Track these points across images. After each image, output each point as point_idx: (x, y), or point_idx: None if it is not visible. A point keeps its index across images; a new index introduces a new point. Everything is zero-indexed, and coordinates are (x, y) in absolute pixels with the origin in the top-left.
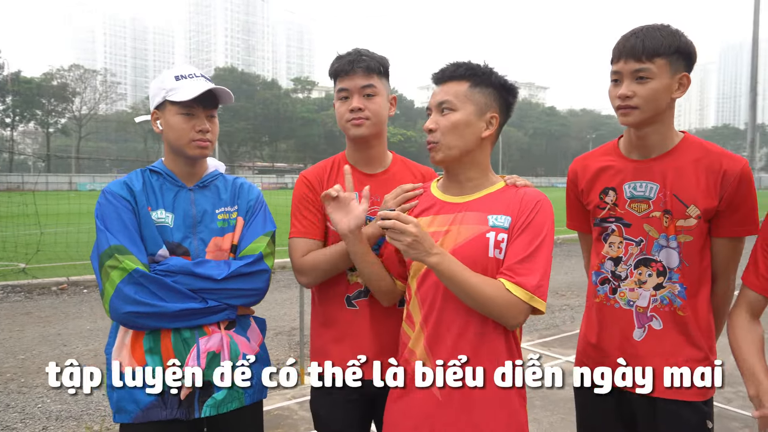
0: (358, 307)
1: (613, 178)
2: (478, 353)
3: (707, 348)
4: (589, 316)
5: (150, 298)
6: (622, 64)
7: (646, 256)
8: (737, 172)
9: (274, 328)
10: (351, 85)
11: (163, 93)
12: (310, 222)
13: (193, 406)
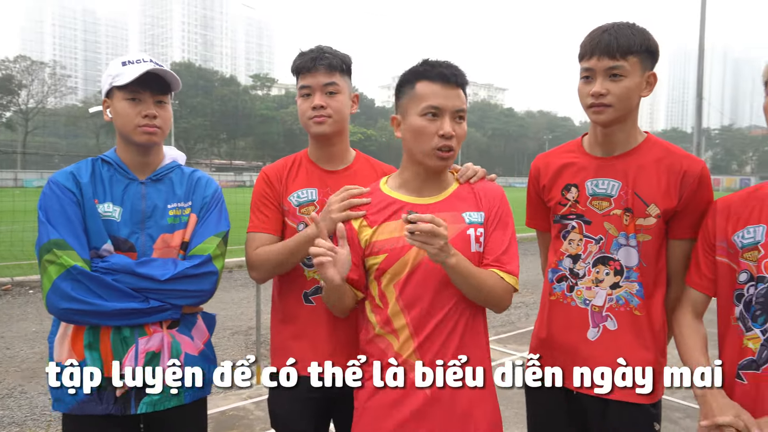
0: (315, 303)
1: (576, 174)
2: (466, 351)
3: (659, 350)
4: (543, 314)
5: (87, 296)
6: (595, 61)
7: (605, 255)
8: (697, 173)
9: (230, 328)
10: (313, 83)
11: (110, 80)
12: (266, 217)
13: (130, 402)
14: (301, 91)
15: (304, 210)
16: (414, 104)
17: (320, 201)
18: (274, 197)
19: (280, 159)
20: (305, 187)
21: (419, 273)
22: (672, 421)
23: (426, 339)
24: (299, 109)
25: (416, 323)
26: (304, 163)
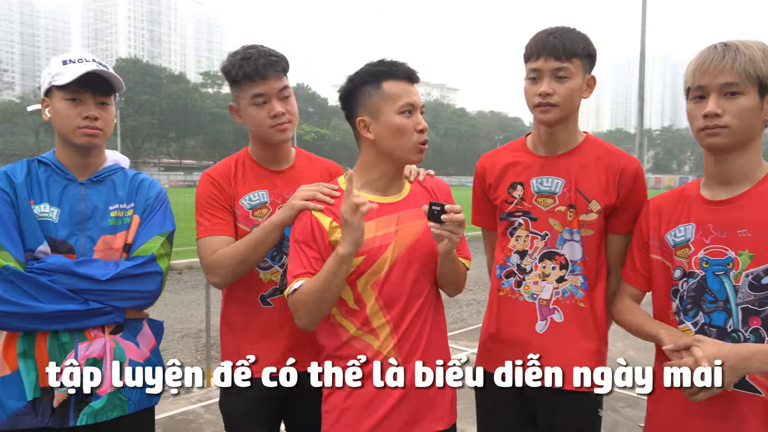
0: (274, 305)
1: (521, 173)
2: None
3: (602, 339)
4: (491, 310)
5: (21, 298)
6: (542, 62)
7: (551, 250)
8: (633, 170)
9: (180, 331)
10: (268, 90)
11: (50, 78)
12: (219, 219)
13: (68, 414)
14: (255, 100)
15: (257, 213)
16: (388, 103)
17: (272, 202)
18: (225, 200)
19: (220, 161)
20: (256, 190)
21: (396, 270)
22: (614, 410)
23: (403, 334)
24: (254, 119)
25: (396, 320)
26: (248, 165)
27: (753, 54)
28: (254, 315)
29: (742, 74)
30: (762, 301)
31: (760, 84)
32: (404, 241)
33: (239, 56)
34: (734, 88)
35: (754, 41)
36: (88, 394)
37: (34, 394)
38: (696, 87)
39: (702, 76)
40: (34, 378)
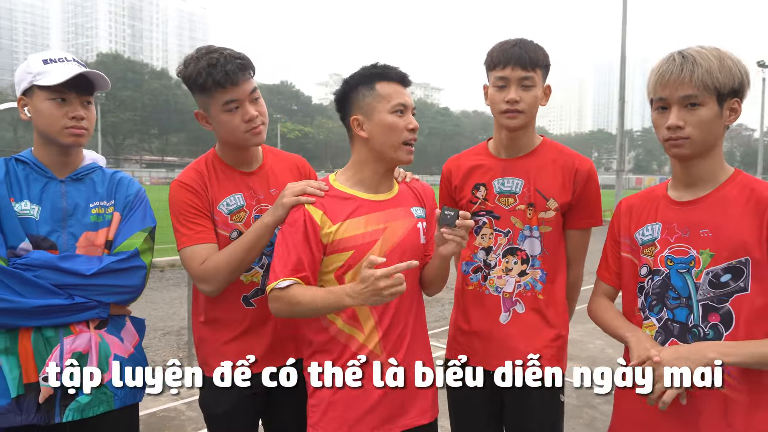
0: (256, 305)
1: (484, 175)
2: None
3: (561, 326)
4: (459, 304)
5: (5, 293)
6: (510, 71)
7: (513, 246)
8: (586, 170)
9: (162, 328)
10: (240, 95)
11: (30, 78)
12: (201, 227)
13: (54, 410)
14: (227, 106)
15: (236, 217)
16: (381, 103)
17: (248, 205)
18: (203, 206)
19: (188, 167)
20: (232, 194)
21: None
22: (592, 407)
23: (388, 329)
24: (228, 125)
25: (381, 315)
26: (220, 168)
27: (710, 65)
28: (238, 315)
29: (701, 86)
30: (721, 298)
31: (719, 93)
32: (392, 238)
33: (204, 62)
34: (694, 100)
35: (710, 49)
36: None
37: (18, 391)
38: (658, 99)
39: (663, 89)
40: (17, 375)
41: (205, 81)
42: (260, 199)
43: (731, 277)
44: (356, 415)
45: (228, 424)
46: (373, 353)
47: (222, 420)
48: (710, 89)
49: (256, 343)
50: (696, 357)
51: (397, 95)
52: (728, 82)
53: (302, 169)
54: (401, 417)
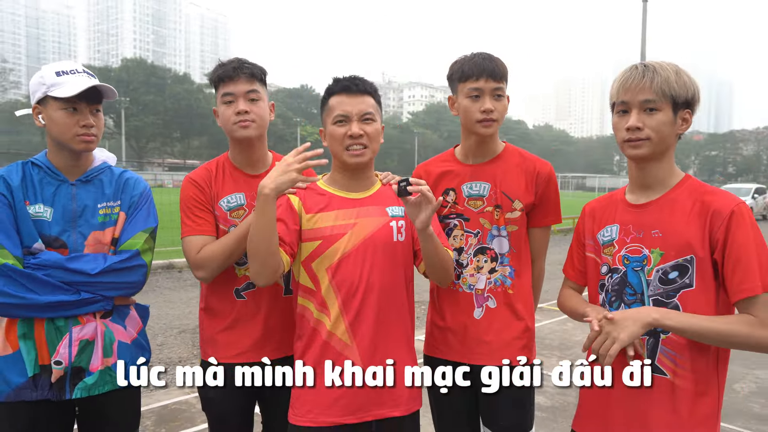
0: (247, 297)
1: (453, 180)
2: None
3: (528, 317)
4: (435, 302)
5: (19, 291)
6: (483, 83)
7: (483, 245)
8: (546, 173)
9: (178, 327)
10: (236, 90)
11: (44, 89)
12: (203, 220)
13: (65, 388)
14: (224, 99)
15: (235, 214)
16: (328, 116)
17: (248, 204)
18: (206, 201)
19: (201, 165)
20: (233, 192)
21: (351, 258)
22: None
23: (356, 318)
24: (222, 116)
25: (347, 302)
26: (228, 169)
27: (668, 75)
28: (229, 306)
29: (659, 93)
30: (669, 293)
31: (674, 102)
32: (361, 233)
33: (219, 63)
34: (652, 105)
35: (668, 63)
36: (83, 371)
37: (34, 370)
38: (620, 102)
39: (625, 93)
40: (34, 356)
41: (213, 76)
42: None
43: (678, 274)
44: (327, 401)
45: (216, 406)
46: (341, 342)
47: (212, 402)
48: (667, 96)
49: (245, 334)
50: (641, 316)
51: (339, 106)
52: (683, 93)
53: (307, 176)
54: (375, 407)
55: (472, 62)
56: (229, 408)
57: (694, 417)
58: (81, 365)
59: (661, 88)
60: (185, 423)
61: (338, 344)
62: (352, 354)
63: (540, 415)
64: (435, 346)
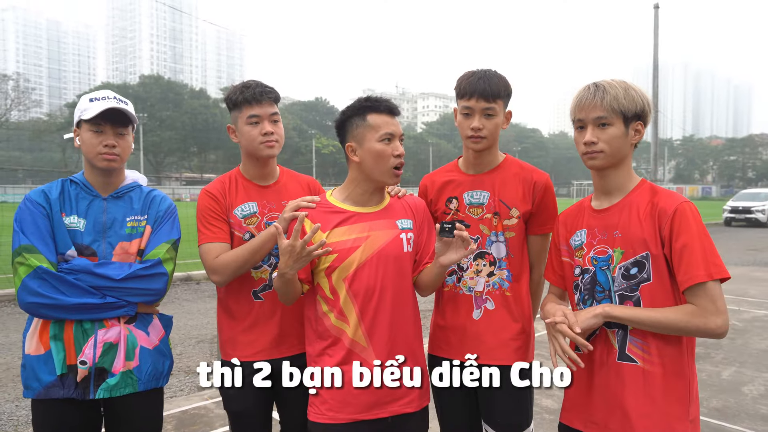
0: (264, 299)
1: (455, 189)
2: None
3: (525, 319)
4: (437, 303)
5: (51, 292)
6: (474, 102)
7: (482, 250)
8: (543, 183)
9: (196, 336)
10: (262, 112)
11: (79, 114)
12: (218, 229)
13: (89, 388)
14: (249, 120)
15: (248, 221)
16: (371, 132)
17: (260, 212)
18: (222, 211)
19: (216, 179)
20: (246, 202)
21: (366, 268)
22: None
23: (372, 323)
24: (248, 136)
25: (364, 310)
26: (240, 181)
27: (616, 93)
28: (247, 307)
29: (609, 109)
30: (632, 287)
31: (624, 116)
32: (374, 245)
33: (240, 85)
34: (604, 120)
35: (619, 81)
36: (105, 372)
37: (62, 370)
38: (577, 120)
39: (580, 111)
40: (63, 357)
41: (237, 98)
42: (272, 208)
43: (637, 270)
44: (345, 399)
45: (235, 403)
46: (359, 345)
47: (231, 400)
48: (617, 112)
49: (264, 333)
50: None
51: (386, 125)
52: (631, 108)
53: (312, 188)
54: (389, 404)
55: (468, 81)
56: (249, 405)
57: (667, 398)
58: (104, 366)
59: (611, 105)
60: (204, 427)
61: (356, 347)
62: (369, 355)
63: (548, 418)
64: (437, 344)
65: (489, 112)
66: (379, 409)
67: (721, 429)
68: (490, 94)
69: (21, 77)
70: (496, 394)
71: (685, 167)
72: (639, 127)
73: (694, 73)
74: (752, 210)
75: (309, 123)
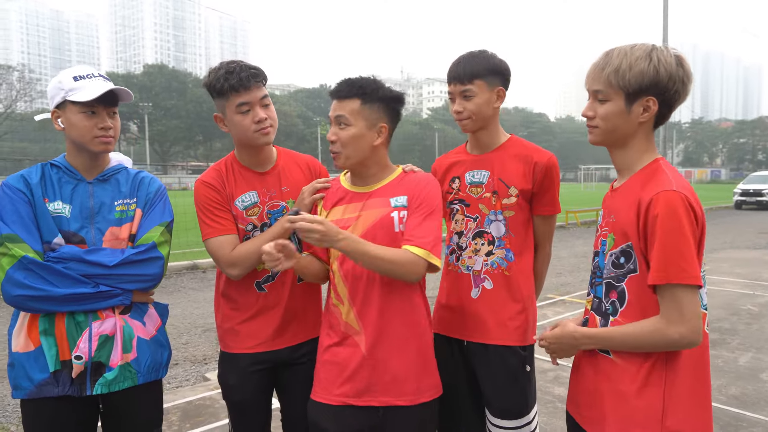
0: (267, 290)
1: (458, 169)
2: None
3: (526, 299)
4: (441, 282)
5: (39, 283)
6: (453, 87)
7: (481, 229)
8: (544, 162)
9: (202, 326)
10: (251, 98)
11: (63, 93)
12: (225, 220)
13: (85, 384)
14: (240, 109)
15: (250, 212)
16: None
17: (261, 201)
18: (224, 201)
19: (210, 168)
20: (247, 191)
21: None
22: None
23: (363, 304)
24: (240, 125)
25: (354, 290)
26: (237, 169)
27: (620, 64)
28: (252, 299)
29: (607, 83)
30: (619, 277)
31: (626, 92)
32: (364, 224)
33: (222, 71)
34: (601, 95)
35: (638, 46)
36: (103, 366)
37: (55, 366)
38: (586, 90)
39: (586, 81)
40: (55, 353)
41: (222, 86)
42: (272, 195)
43: (624, 260)
44: (338, 381)
45: (235, 392)
46: (353, 328)
47: (231, 389)
48: (614, 87)
49: (265, 324)
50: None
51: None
52: (636, 82)
53: (313, 168)
54: (380, 394)
55: (450, 68)
56: (248, 396)
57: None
58: (101, 360)
59: (608, 79)
60: (209, 418)
61: (350, 330)
62: (361, 340)
63: (561, 407)
64: (438, 323)
65: (466, 93)
66: (369, 396)
67: (740, 417)
68: (464, 76)
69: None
70: (492, 376)
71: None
72: (649, 102)
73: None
74: (763, 193)
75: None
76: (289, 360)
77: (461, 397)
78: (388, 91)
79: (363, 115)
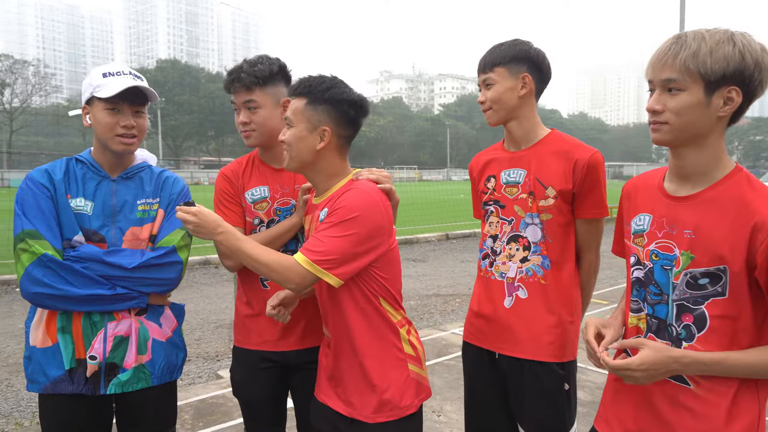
0: (270, 287)
1: (495, 167)
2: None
3: (564, 312)
4: (474, 288)
5: (57, 282)
6: (479, 78)
7: (516, 233)
8: (585, 160)
9: (215, 321)
10: (237, 100)
11: (91, 89)
12: (231, 212)
13: (99, 383)
14: (234, 107)
15: (258, 206)
16: None
17: (272, 197)
18: (235, 194)
19: (234, 160)
20: (258, 186)
21: None
22: None
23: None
24: (236, 123)
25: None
26: (256, 163)
27: (699, 48)
28: (256, 296)
29: (683, 69)
30: (697, 300)
31: (706, 80)
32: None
33: (228, 71)
34: (674, 84)
35: (718, 30)
36: (117, 367)
37: (71, 364)
38: (648, 81)
39: (650, 70)
40: (71, 350)
41: (223, 85)
42: (285, 192)
43: (709, 281)
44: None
45: (245, 390)
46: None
47: (241, 386)
48: (694, 74)
49: (272, 323)
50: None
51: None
52: (719, 67)
53: None
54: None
55: None
56: (257, 394)
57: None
58: (115, 361)
59: (686, 64)
60: (222, 417)
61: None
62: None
63: (582, 411)
64: (470, 331)
65: (487, 81)
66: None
67: None
68: (486, 65)
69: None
70: (525, 391)
71: None
72: (733, 94)
73: None
74: None
75: None
76: (298, 363)
77: (492, 409)
78: (339, 94)
79: (306, 116)
